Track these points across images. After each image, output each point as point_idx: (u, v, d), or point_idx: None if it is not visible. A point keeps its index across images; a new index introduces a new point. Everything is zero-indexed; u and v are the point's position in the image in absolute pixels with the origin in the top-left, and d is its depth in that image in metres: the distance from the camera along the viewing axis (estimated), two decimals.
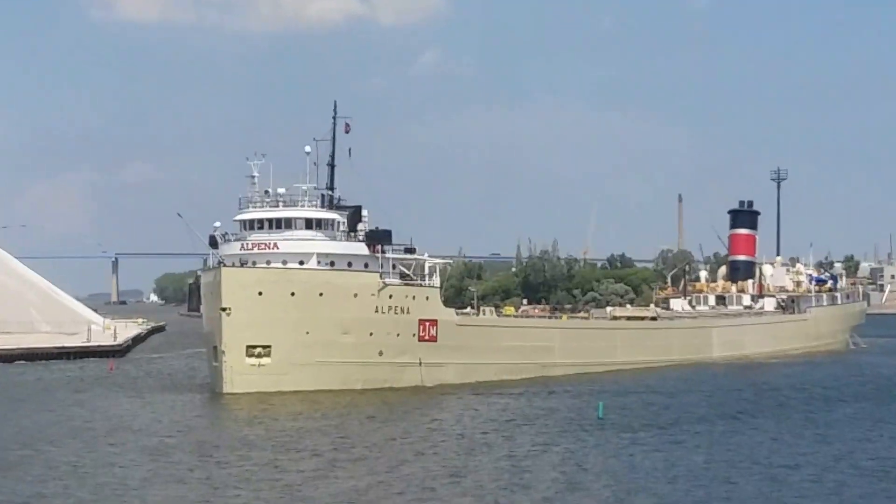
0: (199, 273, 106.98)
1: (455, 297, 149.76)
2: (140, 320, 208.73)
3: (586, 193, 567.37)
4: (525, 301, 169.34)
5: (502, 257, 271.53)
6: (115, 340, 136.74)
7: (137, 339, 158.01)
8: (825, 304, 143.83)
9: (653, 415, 71.72)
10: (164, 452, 55.99)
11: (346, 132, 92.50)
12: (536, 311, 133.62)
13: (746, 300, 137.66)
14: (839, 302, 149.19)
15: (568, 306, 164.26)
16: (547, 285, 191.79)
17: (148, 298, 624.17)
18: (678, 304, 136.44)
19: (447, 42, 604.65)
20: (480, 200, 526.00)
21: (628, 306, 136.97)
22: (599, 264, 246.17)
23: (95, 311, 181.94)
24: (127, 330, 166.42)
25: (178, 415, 72.22)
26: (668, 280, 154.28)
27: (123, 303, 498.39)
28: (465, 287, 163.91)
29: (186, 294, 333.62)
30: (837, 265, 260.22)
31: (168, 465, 51.93)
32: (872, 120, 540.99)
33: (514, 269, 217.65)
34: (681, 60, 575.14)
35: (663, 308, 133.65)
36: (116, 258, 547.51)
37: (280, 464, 52.51)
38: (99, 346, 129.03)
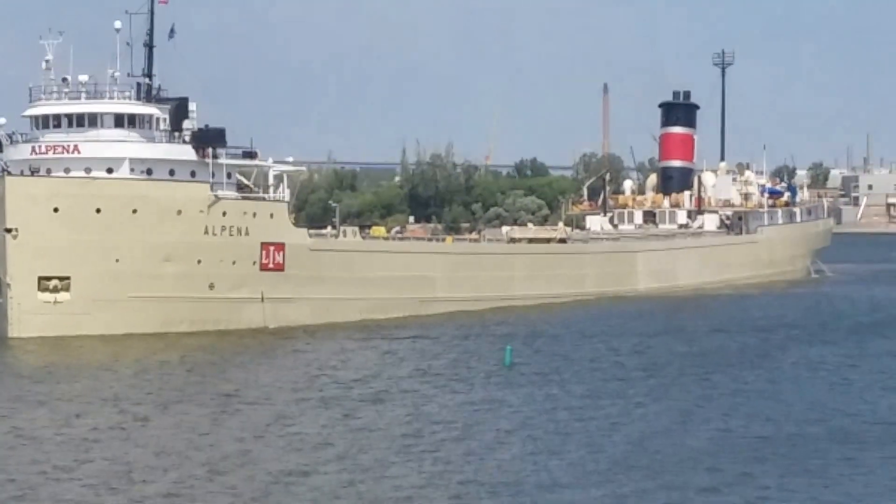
0: None
1: (322, 215, 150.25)
2: None
3: (488, 83, 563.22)
4: (412, 219, 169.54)
5: (384, 164, 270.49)
6: None
7: None
8: (780, 221, 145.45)
9: (562, 362, 73.82)
10: None
11: (164, 1, 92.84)
12: (419, 231, 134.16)
13: (681, 217, 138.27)
14: (799, 219, 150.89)
15: (466, 225, 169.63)
16: (440, 199, 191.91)
17: None
18: (596, 223, 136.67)
19: None
20: (356, 93, 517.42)
21: (530, 225, 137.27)
22: (505, 172, 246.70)
23: None
24: None
25: None
26: (584, 192, 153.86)
27: None
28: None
29: None
30: (801, 174, 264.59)
31: None
32: None
33: (398, 179, 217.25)
34: None
35: (578, 228, 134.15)
36: None
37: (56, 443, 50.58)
38: None
